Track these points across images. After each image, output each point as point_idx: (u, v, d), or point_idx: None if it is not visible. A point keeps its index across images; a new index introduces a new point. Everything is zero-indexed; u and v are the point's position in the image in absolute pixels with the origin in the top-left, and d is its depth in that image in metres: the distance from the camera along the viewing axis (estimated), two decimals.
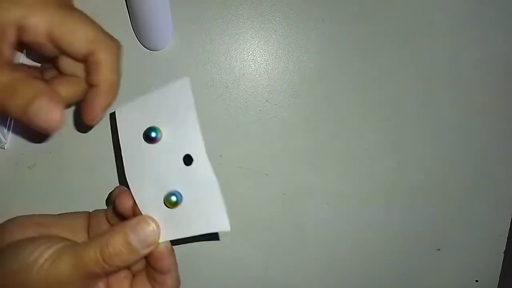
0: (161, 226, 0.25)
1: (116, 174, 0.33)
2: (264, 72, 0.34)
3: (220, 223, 0.24)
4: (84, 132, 0.33)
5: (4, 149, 0.33)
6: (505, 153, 0.37)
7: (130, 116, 0.25)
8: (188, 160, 0.24)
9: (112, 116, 0.31)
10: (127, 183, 0.25)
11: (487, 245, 0.38)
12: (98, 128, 0.33)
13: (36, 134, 0.33)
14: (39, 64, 0.30)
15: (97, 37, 0.24)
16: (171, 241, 0.25)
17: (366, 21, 0.34)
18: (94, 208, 0.35)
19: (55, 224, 0.27)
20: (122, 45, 0.26)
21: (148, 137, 0.24)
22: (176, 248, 0.35)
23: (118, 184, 0.33)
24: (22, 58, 0.31)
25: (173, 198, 0.24)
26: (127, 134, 0.25)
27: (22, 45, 0.24)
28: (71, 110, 0.33)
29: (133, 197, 0.25)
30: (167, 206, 0.24)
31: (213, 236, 0.35)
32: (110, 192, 0.28)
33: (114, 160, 0.33)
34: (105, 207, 0.34)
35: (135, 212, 0.25)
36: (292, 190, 0.35)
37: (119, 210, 0.26)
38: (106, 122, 0.33)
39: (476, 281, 0.38)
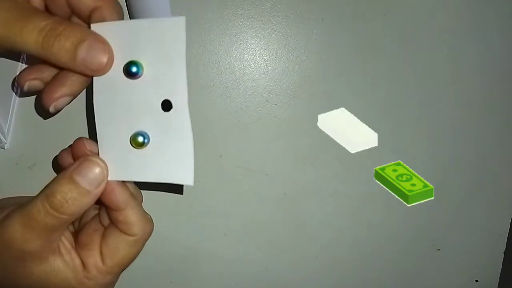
0: (115, 165, 0.23)
1: None
2: (264, 72, 0.34)
3: (185, 176, 0.22)
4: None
5: (4, 149, 0.33)
6: (505, 153, 0.37)
7: (113, 38, 0.22)
8: (166, 105, 0.23)
9: None
10: (93, 113, 0.23)
11: (487, 245, 0.38)
12: None
13: (37, 132, 0.33)
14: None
15: None
16: (134, 182, 0.24)
17: (366, 21, 0.34)
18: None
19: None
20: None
21: (128, 71, 0.22)
22: (176, 248, 0.35)
23: None
24: (20, 66, 0.31)
25: (140, 139, 0.22)
26: None
27: None
28: (71, 110, 0.33)
29: (86, 145, 0.23)
30: (132, 146, 0.23)
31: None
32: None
33: None
34: None
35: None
36: (292, 190, 0.35)
37: (74, 155, 0.24)
38: None
39: (476, 281, 0.38)
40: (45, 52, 0.21)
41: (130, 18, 0.31)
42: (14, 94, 0.32)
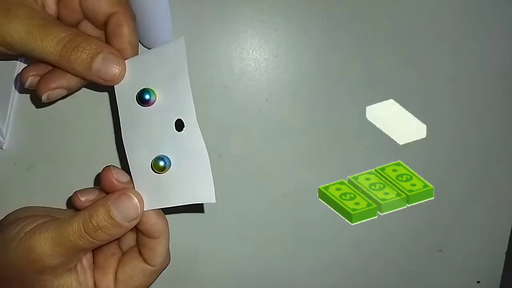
0: (148, 194, 0.24)
1: None
2: (264, 71, 0.33)
3: (206, 195, 0.23)
4: None
5: (2, 149, 0.33)
6: (507, 154, 0.36)
7: (126, 76, 0.24)
8: (179, 125, 0.23)
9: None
10: (123, 147, 0.25)
11: (489, 246, 0.38)
12: (97, 128, 0.33)
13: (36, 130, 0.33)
14: None
15: (122, 0, 0.25)
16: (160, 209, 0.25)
17: (367, 20, 0.34)
18: None
19: (57, 212, 0.27)
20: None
21: (141, 100, 0.23)
22: (175, 248, 0.35)
23: None
24: (19, 65, 0.31)
25: (161, 163, 0.23)
26: (123, 95, 0.25)
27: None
28: (70, 110, 0.33)
29: (113, 175, 0.24)
30: (154, 171, 0.23)
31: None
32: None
33: (114, 161, 0.33)
34: None
35: (119, 187, 0.24)
36: (292, 190, 0.35)
37: (103, 185, 0.25)
38: (105, 122, 0.33)
39: (478, 282, 0.38)
40: (62, 61, 0.23)
41: None
42: (12, 94, 0.32)
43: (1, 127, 0.32)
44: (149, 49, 0.32)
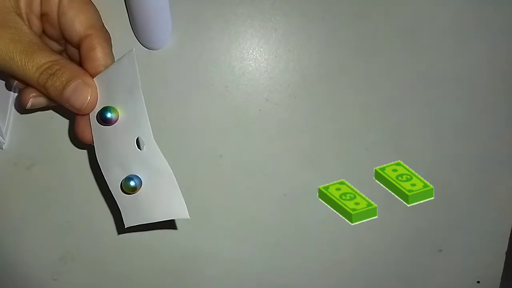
0: (130, 211, 0.24)
1: None
2: (264, 71, 0.33)
3: (179, 211, 0.23)
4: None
5: (2, 149, 0.33)
6: (508, 153, 0.36)
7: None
8: (139, 143, 0.23)
9: None
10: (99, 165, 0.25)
11: (489, 246, 0.38)
12: None
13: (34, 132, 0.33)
14: None
15: (97, 24, 0.26)
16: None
17: (367, 20, 0.34)
18: (94, 211, 0.35)
19: None
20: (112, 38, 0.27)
21: (103, 119, 0.23)
22: (175, 248, 0.35)
23: None
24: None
25: (131, 183, 0.23)
26: (93, 114, 0.25)
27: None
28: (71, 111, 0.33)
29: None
30: (124, 192, 0.23)
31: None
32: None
33: None
34: (105, 208, 0.34)
35: None
36: (292, 190, 0.35)
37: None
38: None
39: (478, 282, 0.38)
40: (40, 87, 0.24)
41: (129, 17, 0.31)
42: (12, 94, 0.32)
43: (1, 127, 0.32)
44: (147, 48, 0.32)
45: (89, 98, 0.24)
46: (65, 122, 0.33)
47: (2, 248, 0.35)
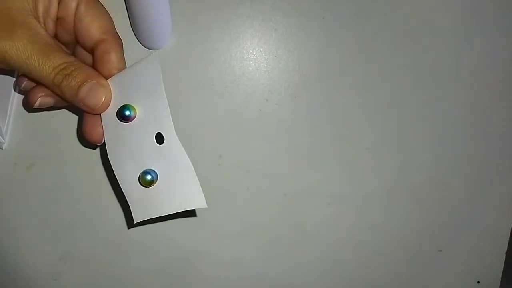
0: (141, 205, 0.25)
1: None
2: (264, 71, 0.33)
3: (197, 200, 0.24)
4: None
5: (2, 149, 0.33)
6: (508, 153, 0.36)
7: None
8: (159, 138, 0.24)
9: None
10: (109, 162, 0.26)
11: (489, 246, 0.38)
12: None
13: (35, 129, 0.33)
14: None
15: (111, 29, 0.27)
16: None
17: (367, 20, 0.34)
18: (94, 211, 0.35)
19: None
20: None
21: (122, 116, 0.25)
22: (175, 249, 0.35)
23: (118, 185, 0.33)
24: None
25: (148, 177, 0.24)
26: (106, 113, 0.26)
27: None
28: (71, 111, 0.33)
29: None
30: (142, 185, 0.25)
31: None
32: None
33: None
34: (105, 208, 0.34)
35: None
36: (292, 190, 0.35)
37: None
38: None
39: (478, 282, 0.38)
40: (54, 87, 0.25)
41: (129, 17, 0.31)
42: (12, 94, 0.32)
43: (1, 126, 0.32)
44: (148, 48, 0.32)
45: (103, 98, 0.25)
46: (66, 122, 0.33)
47: (2, 248, 0.35)
